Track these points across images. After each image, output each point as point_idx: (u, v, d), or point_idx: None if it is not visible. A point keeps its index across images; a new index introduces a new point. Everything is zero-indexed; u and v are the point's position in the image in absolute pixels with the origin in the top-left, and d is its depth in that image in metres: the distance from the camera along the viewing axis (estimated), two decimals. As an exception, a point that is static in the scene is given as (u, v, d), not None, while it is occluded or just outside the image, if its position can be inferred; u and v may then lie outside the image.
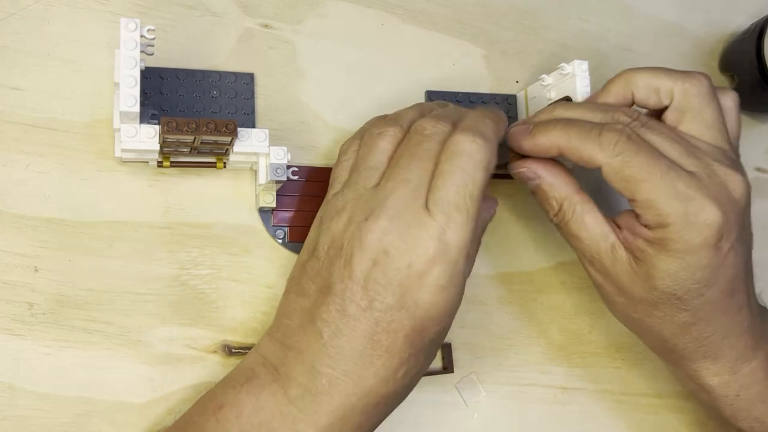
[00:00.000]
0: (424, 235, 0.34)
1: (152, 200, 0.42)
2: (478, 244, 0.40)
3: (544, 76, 0.44)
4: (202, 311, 0.41)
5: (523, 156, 0.41)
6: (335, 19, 0.47)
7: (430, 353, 0.37)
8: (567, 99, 0.43)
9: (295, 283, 0.38)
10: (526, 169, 0.41)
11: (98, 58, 0.42)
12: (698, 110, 0.39)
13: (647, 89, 0.40)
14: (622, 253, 0.39)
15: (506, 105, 0.48)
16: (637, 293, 0.39)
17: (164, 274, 0.41)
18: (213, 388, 0.37)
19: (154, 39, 0.37)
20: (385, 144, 0.38)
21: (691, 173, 0.37)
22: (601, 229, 0.39)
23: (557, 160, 0.41)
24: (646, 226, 0.37)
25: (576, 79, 0.42)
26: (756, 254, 0.52)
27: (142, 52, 0.36)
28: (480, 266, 0.46)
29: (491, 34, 0.50)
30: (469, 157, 0.35)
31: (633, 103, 0.41)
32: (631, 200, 0.37)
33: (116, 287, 0.40)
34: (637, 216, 0.38)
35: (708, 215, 0.36)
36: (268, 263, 0.43)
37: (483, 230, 0.41)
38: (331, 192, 0.39)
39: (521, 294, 0.47)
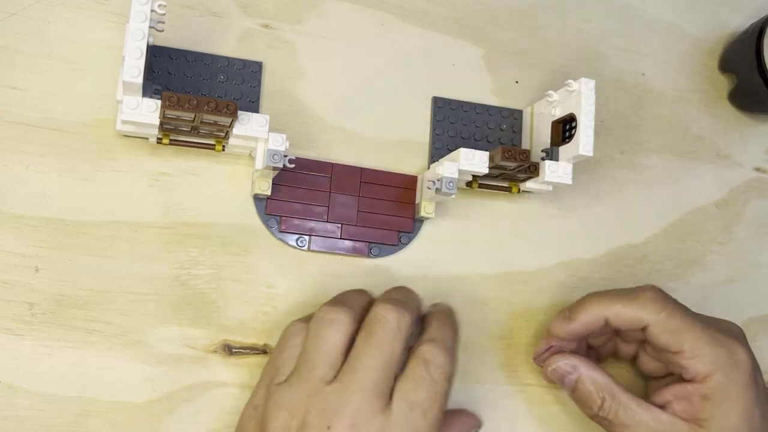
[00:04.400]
0: None
1: (152, 200, 0.42)
2: None
3: (550, 92, 0.44)
4: (202, 311, 0.41)
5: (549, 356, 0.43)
6: (335, 19, 0.47)
7: None
8: (571, 117, 0.43)
9: None
10: (563, 363, 0.42)
11: (98, 58, 0.42)
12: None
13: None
14: (681, 425, 0.39)
15: (512, 120, 0.48)
16: None
17: (164, 274, 0.41)
18: None
19: (164, 15, 0.37)
20: (336, 336, 0.36)
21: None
22: (650, 413, 0.40)
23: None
24: (691, 381, 0.40)
25: (582, 97, 0.42)
26: (756, 254, 0.52)
27: (151, 27, 0.36)
28: (480, 266, 0.47)
29: (491, 34, 0.50)
30: (438, 369, 0.36)
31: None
32: (677, 353, 0.40)
33: (116, 287, 0.40)
34: (680, 380, 0.40)
35: (742, 354, 0.40)
36: (268, 263, 0.43)
37: None
38: (274, 381, 0.36)
39: (521, 294, 0.47)
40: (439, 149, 0.47)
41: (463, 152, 0.41)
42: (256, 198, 0.43)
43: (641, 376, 0.47)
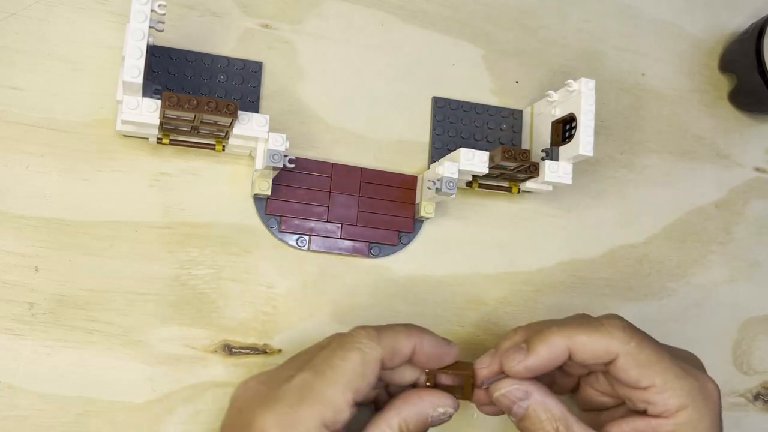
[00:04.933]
0: None
1: (152, 200, 0.42)
2: None
3: (550, 92, 0.44)
4: (202, 311, 0.41)
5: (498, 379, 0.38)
6: (335, 19, 0.47)
7: None
8: (571, 117, 0.43)
9: None
10: (515, 387, 0.37)
11: (98, 58, 0.42)
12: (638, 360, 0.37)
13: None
14: None
15: (512, 120, 0.48)
16: None
17: (164, 274, 0.41)
18: None
19: (164, 15, 0.37)
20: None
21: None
22: None
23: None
24: (658, 416, 0.36)
25: (582, 97, 0.42)
26: (756, 254, 0.52)
27: (151, 27, 0.36)
28: (480, 266, 0.47)
29: (491, 34, 0.50)
30: None
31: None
32: (647, 387, 0.36)
33: (116, 287, 0.40)
34: (640, 413, 0.37)
35: (712, 387, 0.37)
36: (268, 263, 0.43)
37: None
38: None
39: (521, 294, 0.47)
40: (439, 149, 0.47)
41: (463, 152, 0.41)
42: (256, 198, 0.43)
43: (579, 407, 0.43)
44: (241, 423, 0.34)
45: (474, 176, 0.44)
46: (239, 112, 0.38)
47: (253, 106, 0.44)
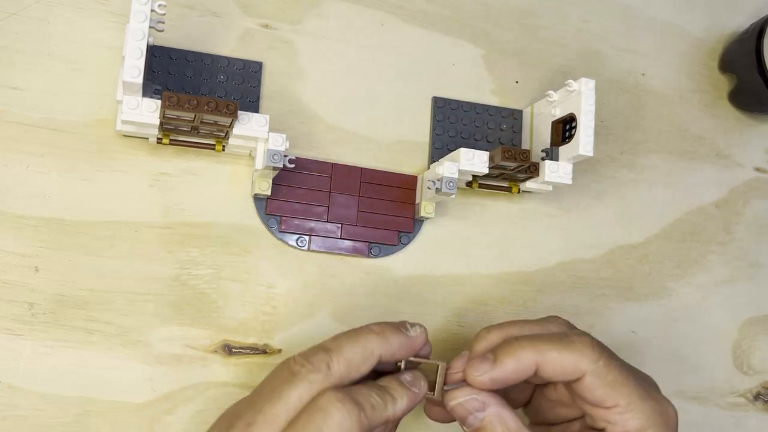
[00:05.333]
0: None
1: (152, 200, 0.42)
2: None
3: (550, 92, 0.44)
4: (202, 311, 0.41)
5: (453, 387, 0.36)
6: (335, 19, 0.47)
7: None
8: (571, 117, 0.43)
9: None
10: (472, 397, 0.35)
11: (98, 58, 0.42)
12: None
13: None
14: None
15: (512, 120, 0.48)
16: None
17: (164, 274, 0.41)
18: None
19: (164, 15, 0.37)
20: (294, 394, 0.33)
21: None
22: None
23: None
24: None
25: (582, 97, 0.42)
26: (756, 254, 0.52)
27: (151, 27, 0.36)
28: (480, 266, 0.47)
29: (491, 34, 0.50)
30: None
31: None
32: (610, 407, 0.35)
33: (116, 287, 0.40)
34: (600, 431, 0.36)
35: (672, 411, 0.36)
36: (268, 263, 0.43)
37: None
38: None
39: (521, 294, 0.47)
40: (439, 149, 0.47)
41: (463, 152, 0.41)
42: (256, 198, 0.43)
43: (530, 419, 0.42)
44: None
45: (474, 176, 0.44)
46: (239, 112, 0.38)
47: (253, 106, 0.44)
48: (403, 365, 0.37)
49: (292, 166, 0.40)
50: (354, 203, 0.45)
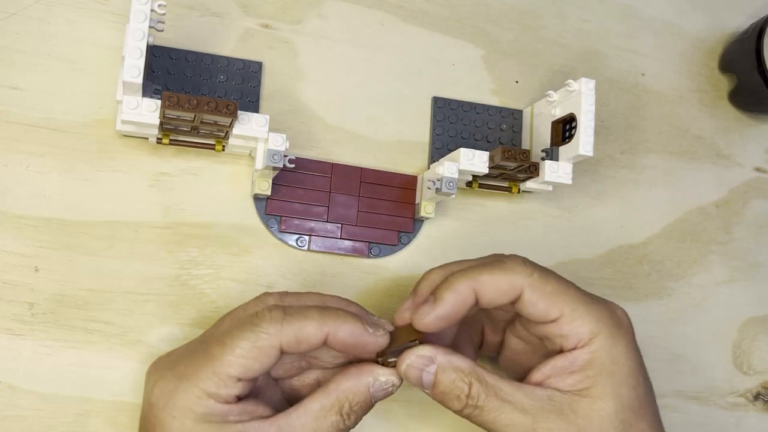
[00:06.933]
0: None
1: (152, 200, 0.42)
2: None
3: (550, 92, 0.44)
4: (202, 311, 0.41)
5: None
6: (335, 19, 0.47)
7: None
8: (571, 117, 0.43)
9: None
10: (417, 355, 0.35)
11: (98, 58, 0.42)
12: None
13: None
14: (560, 398, 0.35)
15: (512, 120, 0.48)
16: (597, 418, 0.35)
17: (164, 274, 0.41)
18: None
19: (164, 15, 0.37)
20: None
21: None
22: (523, 391, 0.35)
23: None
24: (573, 349, 0.35)
25: (582, 97, 0.42)
26: (756, 254, 0.52)
27: (151, 27, 0.36)
28: (480, 266, 0.47)
29: (491, 34, 0.50)
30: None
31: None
32: (555, 320, 0.35)
33: (116, 287, 0.40)
34: (560, 353, 0.36)
35: (621, 313, 0.37)
36: (268, 263, 0.43)
37: None
38: None
39: (521, 294, 0.47)
40: (439, 149, 0.47)
41: (463, 152, 0.41)
42: (256, 198, 0.43)
43: (506, 371, 0.43)
44: (145, 391, 0.36)
45: (474, 176, 0.44)
46: (239, 112, 0.38)
47: (253, 106, 0.44)
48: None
49: (292, 166, 0.40)
50: (354, 203, 0.45)
